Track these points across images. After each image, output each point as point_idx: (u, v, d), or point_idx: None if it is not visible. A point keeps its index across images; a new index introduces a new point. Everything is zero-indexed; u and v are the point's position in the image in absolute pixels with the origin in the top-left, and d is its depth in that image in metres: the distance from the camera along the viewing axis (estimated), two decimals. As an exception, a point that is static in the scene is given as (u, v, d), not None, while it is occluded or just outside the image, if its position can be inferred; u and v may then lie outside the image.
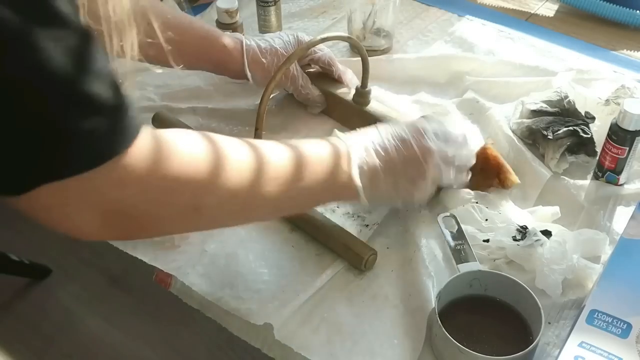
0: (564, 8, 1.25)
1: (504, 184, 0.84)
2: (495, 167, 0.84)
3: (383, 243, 0.80)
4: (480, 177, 0.83)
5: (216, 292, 0.74)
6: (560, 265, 0.72)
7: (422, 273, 0.75)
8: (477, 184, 0.83)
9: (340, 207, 0.84)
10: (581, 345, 0.63)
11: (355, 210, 0.83)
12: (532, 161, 0.88)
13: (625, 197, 0.85)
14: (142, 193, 0.54)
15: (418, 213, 0.81)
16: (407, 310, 0.73)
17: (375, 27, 1.08)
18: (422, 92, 1.02)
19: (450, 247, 0.74)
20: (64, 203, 0.50)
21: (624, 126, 0.80)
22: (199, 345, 1.15)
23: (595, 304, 0.66)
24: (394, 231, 0.81)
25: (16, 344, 1.37)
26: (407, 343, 0.69)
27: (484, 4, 1.26)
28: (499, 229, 0.77)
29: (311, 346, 0.69)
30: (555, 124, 0.88)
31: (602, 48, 1.13)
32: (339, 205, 0.84)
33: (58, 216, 0.52)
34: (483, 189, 0.83)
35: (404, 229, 0.81)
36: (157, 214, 0.57)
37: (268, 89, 0.81)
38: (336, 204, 0.83)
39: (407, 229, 0.81)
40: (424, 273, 0.75)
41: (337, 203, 0.82)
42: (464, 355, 0.63)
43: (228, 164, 0.59)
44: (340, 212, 0.83)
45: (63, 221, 0.52)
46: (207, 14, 1.21)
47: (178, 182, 0.56)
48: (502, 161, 0.84)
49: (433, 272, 0.75)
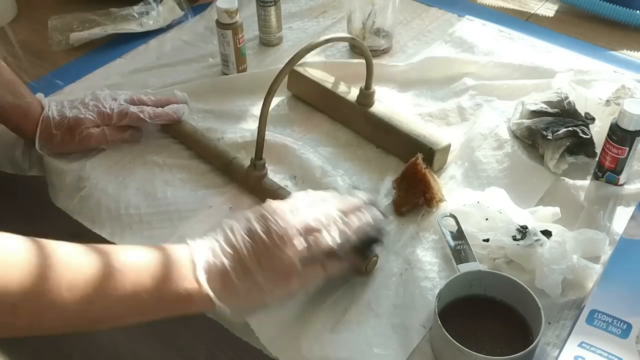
0: (564, 8, 1.25)
1: (429, 204, 0.81)
2: (422, 185, 0.81)
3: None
4: (407, 194, 0.82)
5: None
6: (560, 265, 0.72)
7: (418, 276, 0.75)
8: (402, 202, 0.82)
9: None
10: (581, 345, 0.63)
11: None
12: (532, 164, 0.88)
13: (625, 197, 0.85)
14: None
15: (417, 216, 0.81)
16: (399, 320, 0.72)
17: (375, 27, 1.08)
18: (423, 94, 1.02)
19: (450, 247, 0.74)
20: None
21: (624, 126, 0.80)
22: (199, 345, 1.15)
23: (595, 304, 0.66)
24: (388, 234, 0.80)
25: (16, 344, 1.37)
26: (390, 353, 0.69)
27: (484, 4, 1.26)
28: (499, 228, 0.77)
29: (295, 352, 0.68)
30: (555, 124, 0.88)
31: (602, 48, 1.13)
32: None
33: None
34: (407, 207, 0.82)
35: (398, 233, 0.81)
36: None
37: (271, 91, 0.80)
38: None
39: (404, 230, 0.81)
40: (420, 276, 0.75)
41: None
42: (464, 356, 0.63)
43: (52, 275, 0.55)
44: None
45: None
46: (207, 14, 1.21)
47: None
48: (430, 178, 0.81)
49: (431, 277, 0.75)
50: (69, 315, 0.57)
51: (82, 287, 0.57)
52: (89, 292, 0.57)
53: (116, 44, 1.14)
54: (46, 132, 0.88)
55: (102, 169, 0.89)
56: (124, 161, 0.91)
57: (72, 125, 0.88)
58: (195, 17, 1.21)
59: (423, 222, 0.81)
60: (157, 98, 0.95)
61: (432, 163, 0.87)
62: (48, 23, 1.15)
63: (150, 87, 1.03)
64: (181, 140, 0.94)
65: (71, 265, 0.57)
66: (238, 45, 1.03)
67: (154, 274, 0.60)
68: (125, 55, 1.12)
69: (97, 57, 1.11)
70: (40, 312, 0.56)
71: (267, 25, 1.12)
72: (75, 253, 0.59)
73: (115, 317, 0.60)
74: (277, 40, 1.14)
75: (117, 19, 1.17)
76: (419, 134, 0.88)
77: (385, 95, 1.00)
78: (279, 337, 0.70)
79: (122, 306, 0.60)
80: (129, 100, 0.93)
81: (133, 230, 0.82)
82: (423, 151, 0.86)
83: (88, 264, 0.58)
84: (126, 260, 0.60)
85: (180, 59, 1.11)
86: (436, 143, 0.87)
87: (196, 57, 1.11)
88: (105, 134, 0.90)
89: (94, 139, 0.90)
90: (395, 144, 0.90)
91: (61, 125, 0.88)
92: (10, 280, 0.54)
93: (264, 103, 0.80)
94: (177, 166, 0.90)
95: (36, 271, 0.55)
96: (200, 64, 1.10)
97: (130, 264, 0.60)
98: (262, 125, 0.81)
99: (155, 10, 1.18)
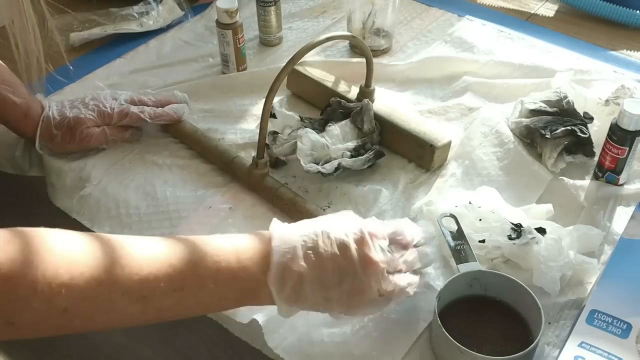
0: (564, 8, 1.25)
1: None
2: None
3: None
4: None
5: None
6: (557, 262, 0.72)
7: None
8: None
9: (331, 206, 0.84)
10: (581, 345, 0.63)
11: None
12: (532, 163, 0.88)
13: (625, 197, 0.85)
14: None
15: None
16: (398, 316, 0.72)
17: (374, 27, 1.08)
18: (422, 93, 1.02)
19: (450, 247, 0.74)
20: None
21: (623, 126, 0.80)
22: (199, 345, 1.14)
23: (595, 304, 0.66)
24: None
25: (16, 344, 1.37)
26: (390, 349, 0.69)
27: (484, 4, 1.26)
28: (493, 228, 0.77)
29: (294, 347, 0.69)
30: (553, 123, 0.88)
31: (602, 48, 1.13)
32: (330, 205, 0.84)
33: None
34: None
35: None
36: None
37: (273, 89, 0.80)
38: (327, 203, 0.83)
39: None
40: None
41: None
42: (464, 356, 0.63)
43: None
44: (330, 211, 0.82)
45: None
46: (207, 14, 1.21)
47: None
48: None
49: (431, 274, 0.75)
50: (130, 312, 0.56)
51: (140, 284, 0.56)
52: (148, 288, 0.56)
53: (116, 44, 1.14)
54: (46, 132, 0.88)
55: (102, 169, 0.89)
56: (124, 161, 0.91)
57: (73, 125, 0.88)
58: (195, 17, 1.21)
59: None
60: (158, 98, 0.95)
61: (432, 160, 0.87)
62: (48, 23, 1.15)
63: (150, 87, 1.03)
64: (182, 140, 0.94)
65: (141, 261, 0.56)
66: (238, 45, 1.03)
67: (225, 268, 0.59)
68: (125, 55, 1.12)
69: (97, 57, 1.11)
70: (110, 306, 0.55)
71: (267, 25, 1.12)
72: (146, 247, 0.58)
73: (176, 313, 0.59)
74: (277, 40, 1.14)
75: (117, 19, 1.17)
76: (420, 130, 0.88)
77: (385, 95, 1.00)
78: (279, 332, 0.70)
79: (187, 303, 0.58)
80: (129, 100, 0.93)
81: (133, 230, 0.82)
82: (424, 148, 0.86)
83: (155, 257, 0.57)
84: (213, 250, 0.59)
85: (180, 59, 1.11)
86: (437, 140, 0.87)
87: (196, 57, 1.11)
88: (106, 133, 0.90)
89: (94, 138, 0.90)
90: (396, 141, 0.90)
91: (62, 125, 0.88)
92: (81, 273, 0.52)
93: (266, 102, 0.80)
94: (177, 166, 0.90)
95: (107, 265, 0.54)
96: (200, 64, 1.10)
97: (201, 258, 0.59)
98: (264, 123, 0.81)
99: (155, 10, 1.18)
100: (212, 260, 0.59)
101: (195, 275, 0.58)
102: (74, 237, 0.56)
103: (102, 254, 0.55)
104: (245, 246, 0.61)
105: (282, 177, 0.87)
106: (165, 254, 0.58)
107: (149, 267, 0.56)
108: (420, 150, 0.88)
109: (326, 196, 0.86)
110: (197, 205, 0.84)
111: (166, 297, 0.57)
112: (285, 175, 0.88)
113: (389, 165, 0.90)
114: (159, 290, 0.56)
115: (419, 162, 0.89)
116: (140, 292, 0.56)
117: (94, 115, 0.89)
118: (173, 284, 0.57)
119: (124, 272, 0.55)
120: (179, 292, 0.57)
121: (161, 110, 0.93)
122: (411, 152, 0.89)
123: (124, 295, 0.55)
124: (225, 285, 0.59)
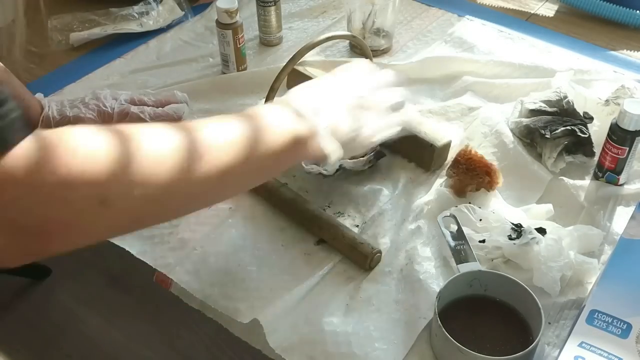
0: (564, 8, 1.25)
1: (491, 185, 0.82)
2: (484, 166, 0.83)
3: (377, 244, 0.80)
4: (467, 177, 0.82)
5: (205, 290, 0.75)
6: (557, 263, 0.72)
7: (418, 271, 0.75)
8: (463, 184, 0.82)
9: (331, 206, 0.84)
10: (581, 345, 0.63)
11: (345, 210, 0.83)
12: (532, 163, 0.88)
13: (625, 197, 0.85)
14: (29, 195, 0.48)
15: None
16: (399, 315, 0.72)
17: (374, 27, 1.08)
18: (423, 93, 1.02)
19: (450, 247, 0.74)
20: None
21: (623, 126, 0.80)
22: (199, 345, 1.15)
23: (595, 304, 0.66)
24: (389, 231, 0.81)
25: (16, 344, 1.37)
26: (391, 348, 0.69)
27: (484, 4, 1.26)
28: (493, 228, 0.77)
29: (295, 347, 0.69)
30: (553, 123, 0.88)
31: (602, 48, 1.13)
32: (330, 205, 0.84)
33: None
34: (468, 189, 0.82)
35: (398, 229, 0.81)
36: (57, 216, 0.50)
37: (273, 88, 0.80)
38: (327, 203, 0.84)
39: (403, 229, 0.81)
40: (420, 271, 0.75)
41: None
42: (464, 355, 0.63)
43: (137, 152, 0.54)
44: (330, 211, 0.83)
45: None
46: (207, 14, 1.21)
47: (70, 175, 0.50)
48: (488, 161, 0.84)
49: (431, 273, 0.75)
50: (211, 190, 0.59)
51: (219, 162, 0.58)
52: (229, 166, 0.59)
53: (116, 44, 1.14)
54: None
55: None
56: None
57: (73, 124, 0.88)
58: (195, 17, 1.21)
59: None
60: (158, 98, 0.95)
61: (432, 160, 0.87)
62: (48, 23, 1.15)
63: (150, 87, 1.03)
64: None
65: (205, 140, 0.58)
66: (238, 45, 1.03)
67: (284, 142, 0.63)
68: (125, 55, 1.12)
69: (97, 57, 1.11)
70: (180, 192, 0.57)
71: (267, 25, 1.12)
72: (219, 127, 0.61)
73: (244, 184, 0.65)
74: (277, 40, 1.14)
75: (117, 19, 1.17)
76: (419, 130, 0.88)
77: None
78: (280, 333, 0.70)
79: (255, 171, 0.63)
80: (129, 100, 0.93)
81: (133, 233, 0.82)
82: (424, 148, 0.86)
83: (235, 134, 0.60)
84: (267, 126, 0.63)
85: (180, 59, 1.11)
86: (436, 140, 0.87)
87: (196, 57, 1.11)
88: None
89: None
90: (396, 142, 0.90)
91: (62, 124, 0.88)
92: (99, 170, 0.51)
93: (266, 101, 0.80)
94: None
95: (123, 158, 0.53)
96: (200, 63, 1.10)
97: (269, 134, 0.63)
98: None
99: (155, 10, 1.18)
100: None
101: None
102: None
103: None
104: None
105: (282, 177, 0.87)
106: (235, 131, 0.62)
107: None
108: (420, 151, 0.88)
109: (326, 196, 0.86)
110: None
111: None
112: (285, 175, 0.88)
113: (389, 165, 0.90)
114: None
115: (419, 162, 0.89)
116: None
117: (94, 115, 0.89)
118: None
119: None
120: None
121: (161, 110, 0.93)
122: (411, 153, 0.89)
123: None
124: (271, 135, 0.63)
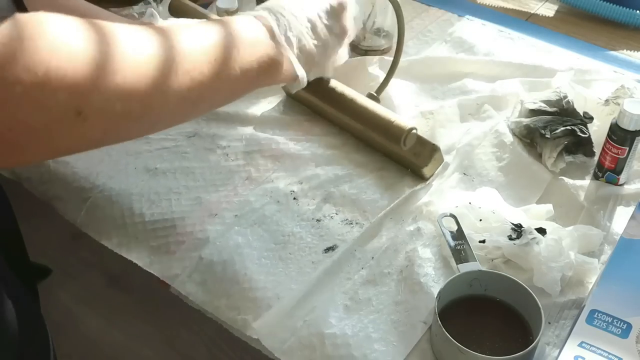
0: (564, 8, 1.25)
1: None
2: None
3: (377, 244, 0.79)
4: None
5: (213, 302, 0.74)
6: (557, 263, 0.72)
7: (419, 274, 0.75)
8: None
9: (339, 213, 0.83)
10: (581, 345, 0.63)
11: (353, 217, 0.83)
12: (532, 163, 0.88)
13: (625, 197, 0.85)
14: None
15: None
16: (398, 317, 0.72)
17: (375, 27, 1.08)
18: (423, 92, 1.02)
19: (450, 247, 0.74)
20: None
21: (623, 126, 0.80)
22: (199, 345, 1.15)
23: (595, 304, 0.66)
24: (390, 232, 0.81)
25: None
26: (390, 350, 0.69)
27: (484, 4, 1.26)
28: (493, 228, 0.77)
29: (294, 350, 0.69)
30: (553, 123, 0.88)
31: (602, 48, 1.13)
32: (338, 212, 0.83)
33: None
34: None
35: (398, 229, 0.81)
36: (27, 121, 0.43)
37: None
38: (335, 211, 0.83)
39: (403, 229, 0.81)
40: (421, 273, 0.75)
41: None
42: (464, 355, 0.63)
43: (119, 57, 0.48)
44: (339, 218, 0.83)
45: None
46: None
47: (48, 76, 0.43)
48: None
49: (431, 276, 0.75)
50: (186, 103, 0.56)
51: (199, 72, 0.56)
52: (209, 77, 0.57)
53: (116, 44, 1.14)
54: None
55: (105, 177, 0.88)
56: (128, 168, 0.89)
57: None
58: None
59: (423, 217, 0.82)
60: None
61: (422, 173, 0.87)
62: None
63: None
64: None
65: (186, 47, 0.55)
66: (238, 45, 1.03)
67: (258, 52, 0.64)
68: (125, 55, 1.11)
69: (97, 57, 1.11)
70: (156, 103, 0.52)
71: (267, 25, 1.11)
72: (198, 34, 0.59)
73: (218, 100, 0.63)
74: (277, 40, 1.14)
75: (117, 19, 1.17)
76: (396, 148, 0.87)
77: (385, 94, 1.00)
78: (278, 334, 0.70)
79: (230, 85, 0.61)
80: None
81: (139, 239, 0.81)
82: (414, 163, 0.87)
83: (211, 43, 0.58)
84: (240, 35, 0.62)
85: (180, 59, 1.10)
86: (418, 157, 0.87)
87: (196, 57, 1.10)
88: None
89: None
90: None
91: None
92: (80, 76, 0.45)
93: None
94: (180, 172, 0.89)
95: (105, 65, 0.47)
96: (200, 63, 1.09)
97: (244, 40, 0.62)
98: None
99: (156, 11, 1.17)
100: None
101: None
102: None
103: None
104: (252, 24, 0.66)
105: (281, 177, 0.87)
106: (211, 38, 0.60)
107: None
108: (412, 165, 0.88)
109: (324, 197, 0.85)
110: (203, 212, 0.83)
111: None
112: (285, 177, 0.88)
113: (390, 165, 0.90)
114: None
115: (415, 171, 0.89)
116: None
117: None
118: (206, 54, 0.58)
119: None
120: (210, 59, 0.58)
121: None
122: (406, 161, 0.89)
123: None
124: (249, 49, 0.63)
